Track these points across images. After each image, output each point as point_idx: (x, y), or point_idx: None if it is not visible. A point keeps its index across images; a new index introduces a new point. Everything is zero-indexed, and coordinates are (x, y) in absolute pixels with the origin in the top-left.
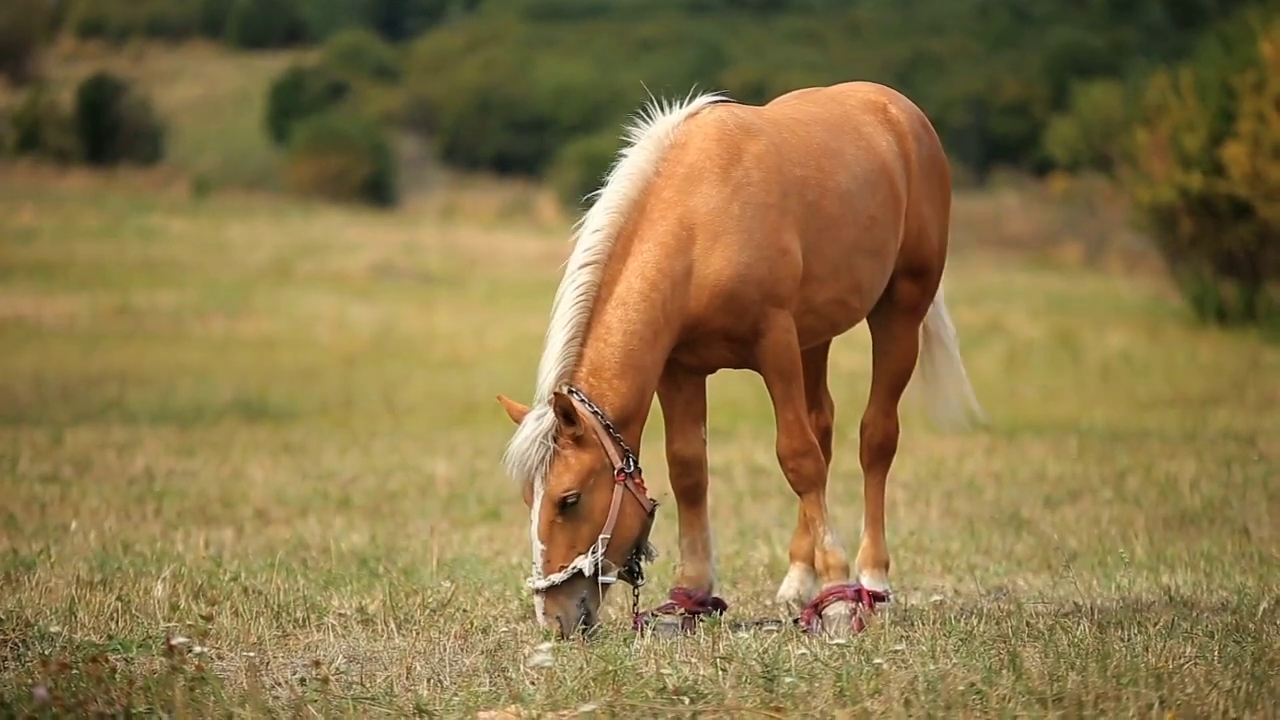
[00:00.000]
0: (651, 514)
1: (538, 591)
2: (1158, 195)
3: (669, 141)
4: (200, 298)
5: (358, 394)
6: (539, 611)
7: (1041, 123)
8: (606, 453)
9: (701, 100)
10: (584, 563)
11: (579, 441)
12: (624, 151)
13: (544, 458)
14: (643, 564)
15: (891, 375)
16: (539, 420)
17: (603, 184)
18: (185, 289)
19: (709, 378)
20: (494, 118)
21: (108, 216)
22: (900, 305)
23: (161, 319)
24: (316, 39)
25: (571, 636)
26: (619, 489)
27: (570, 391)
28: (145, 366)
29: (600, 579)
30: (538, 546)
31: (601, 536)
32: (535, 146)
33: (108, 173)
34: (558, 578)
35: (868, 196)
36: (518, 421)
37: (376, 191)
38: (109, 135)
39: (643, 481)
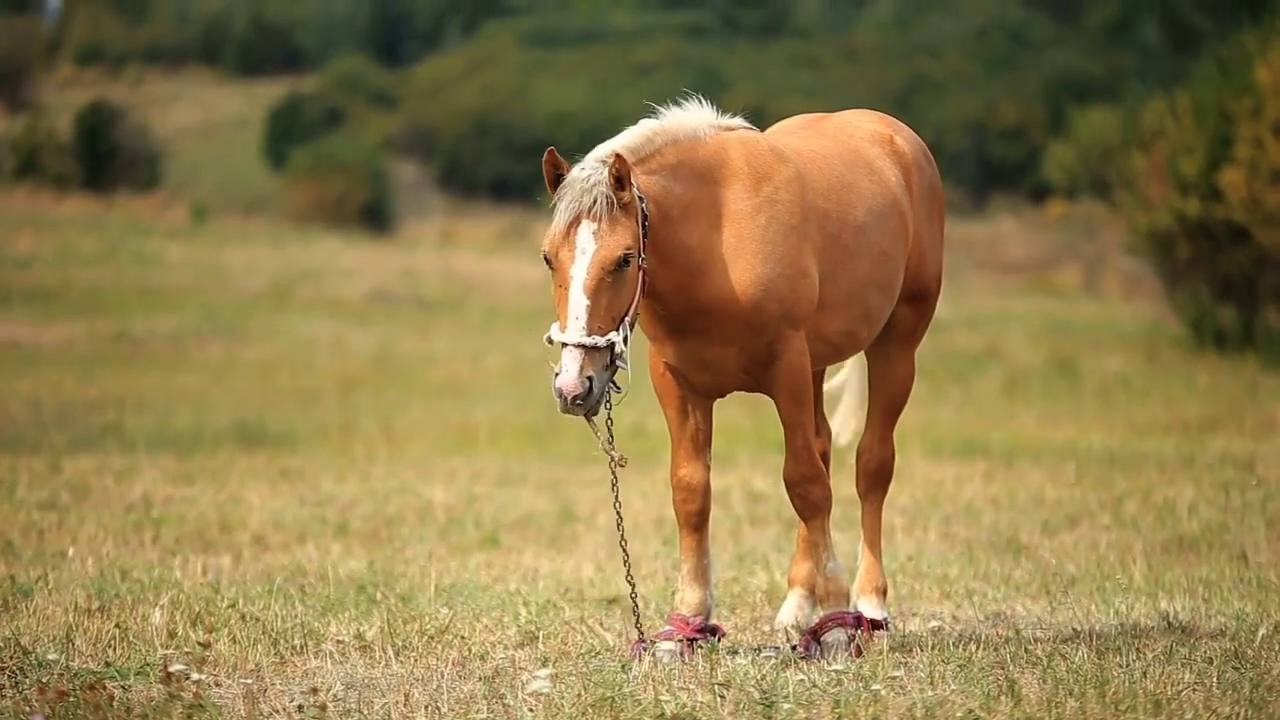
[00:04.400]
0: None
1: (575, 346)
2: (1155, 220)
3: (705, 135)
4: (198, 323)
5: (356, 419)
6: (571, 368)
7: (1039, 147)
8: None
9: (736, 119)
10: (617, 337)
11: (627, 210)
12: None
13: (594, 205)
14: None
15: (888, 401)
16: (601, 169)
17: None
18: (183, 314)
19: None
20: (492, 142)
21: (106, 242)
22: (898, 331)
23: (159, 344)
24: (314, 65)
25: (593, 411)
26: (640, 275)
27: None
28: (143, 392)
29: (617, 363)
30: (582, 302)
31: (628, 318)
32: (533, 171)
33: (106, 198)
34: (598, 340)
35: (880, 230)
36: (555, 172)
37: (374, 217)
38: (107, 161)
39: None
